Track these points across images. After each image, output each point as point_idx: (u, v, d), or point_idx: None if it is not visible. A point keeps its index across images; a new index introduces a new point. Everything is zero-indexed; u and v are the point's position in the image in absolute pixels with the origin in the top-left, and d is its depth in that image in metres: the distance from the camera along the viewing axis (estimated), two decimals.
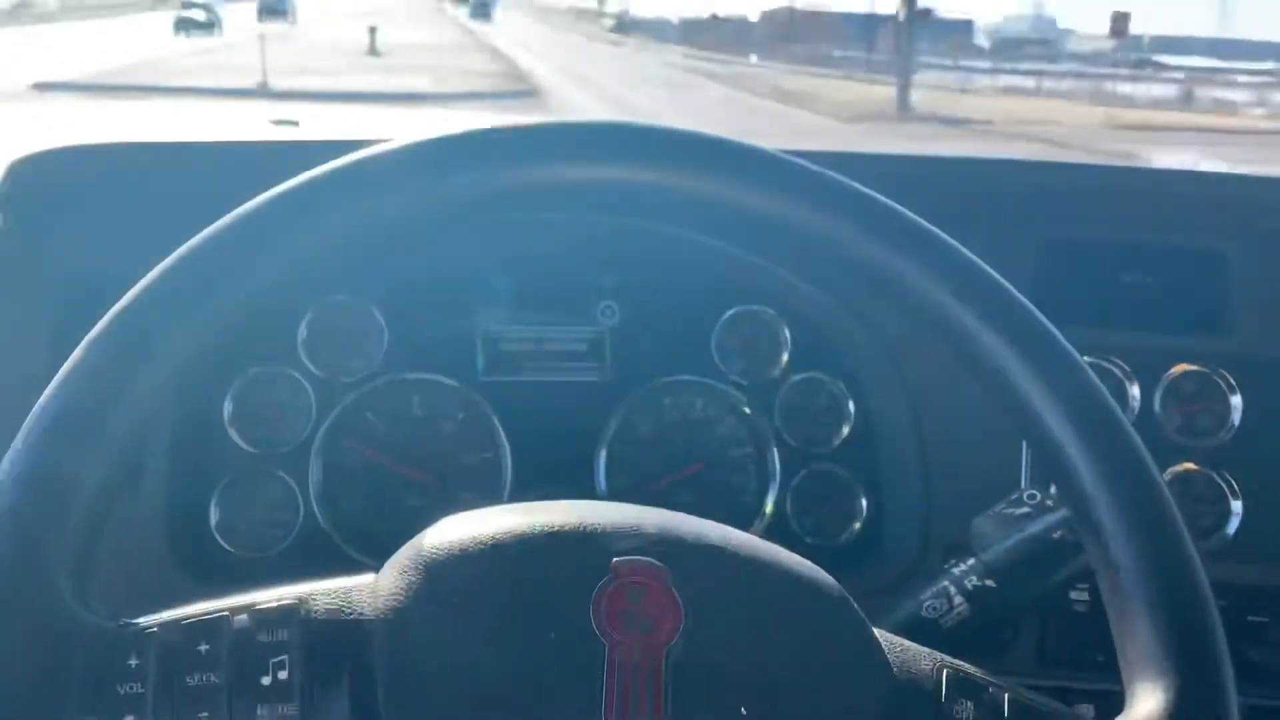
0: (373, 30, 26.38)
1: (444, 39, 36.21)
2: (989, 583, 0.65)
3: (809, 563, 0.48)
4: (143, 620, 0.43)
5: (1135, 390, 0.87)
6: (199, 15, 30.36)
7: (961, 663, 0.46)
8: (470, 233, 0.87)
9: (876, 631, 0.46)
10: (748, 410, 0.91)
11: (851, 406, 0.91)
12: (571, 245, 0.90)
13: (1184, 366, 0.88)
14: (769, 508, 0.90)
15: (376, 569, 0.46)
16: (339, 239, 0.46)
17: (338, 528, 0.85)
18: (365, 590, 0.45)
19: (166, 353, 0.44)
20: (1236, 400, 0.87)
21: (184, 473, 0.82)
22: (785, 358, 0.92)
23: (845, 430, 0.91)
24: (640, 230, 0.87)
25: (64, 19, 39.08)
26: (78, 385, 0.43)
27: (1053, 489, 0.69)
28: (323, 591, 0.45)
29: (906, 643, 0.46)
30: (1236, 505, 0.86)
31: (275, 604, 0.43)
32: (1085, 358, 0.86)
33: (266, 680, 0.41)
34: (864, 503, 0.91)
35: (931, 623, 0.63)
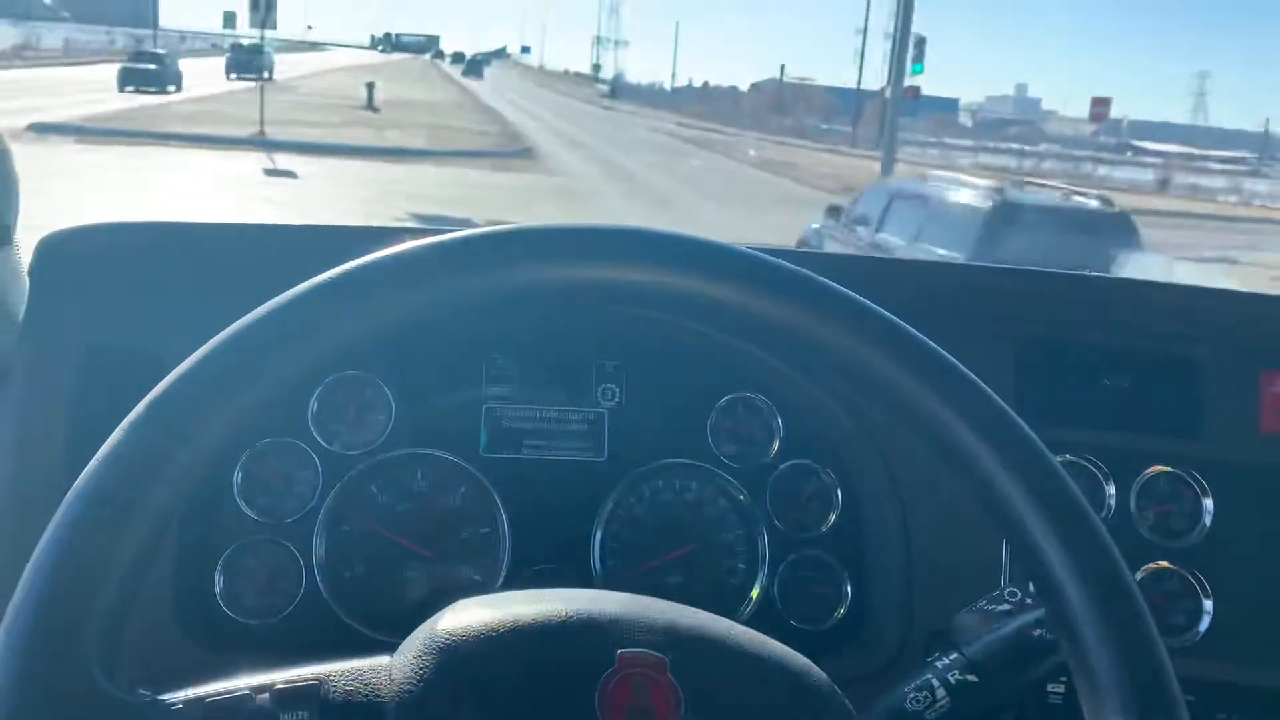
0: (370, 86, 26.79)
1: (440, 97, 36.78)
2: (971, 677, 0.67)
3: (804, 658, 0.51)
4: (167, 697, 0.45)
5: (1111, 489, 0.91)
6: (149, 66, 25.63)
7: None
8: (478, 313, 0.90)
9: None
10: (740, 495, 0.94)
11: (840, 495, 0.94)
12: (575, 328, 0.94)
13: (1158, 468, 0.92)
14: (757, 591, 0.92)
15: (376, 639, 0.48)
16: (373, 330, 0.48)
17: (339, 598, 0.87)
18: (381, 673, 0.47)
19: (203, 437, 0.46)
20: (1208, 503, 0.90)
21: (192, 541, 0.84)
22: (777, 445, 0.95)
23: (833, 518, 0.94)
24: (642, 317, 0.90)
25: (66, 63, 39.38)
26: (115, 468, 0.45)
27: (1032, 586, 0.72)
28: (340, 673, 0.47)
29: None
30: (1208, 604, 0.89)
31: (295, 684, 0.46)
32: (1064, 456, 0.92)
33: None
34: (849, 590, 0.93)
35: (915, 715, 0.66)
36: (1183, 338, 0.95)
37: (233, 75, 32.20)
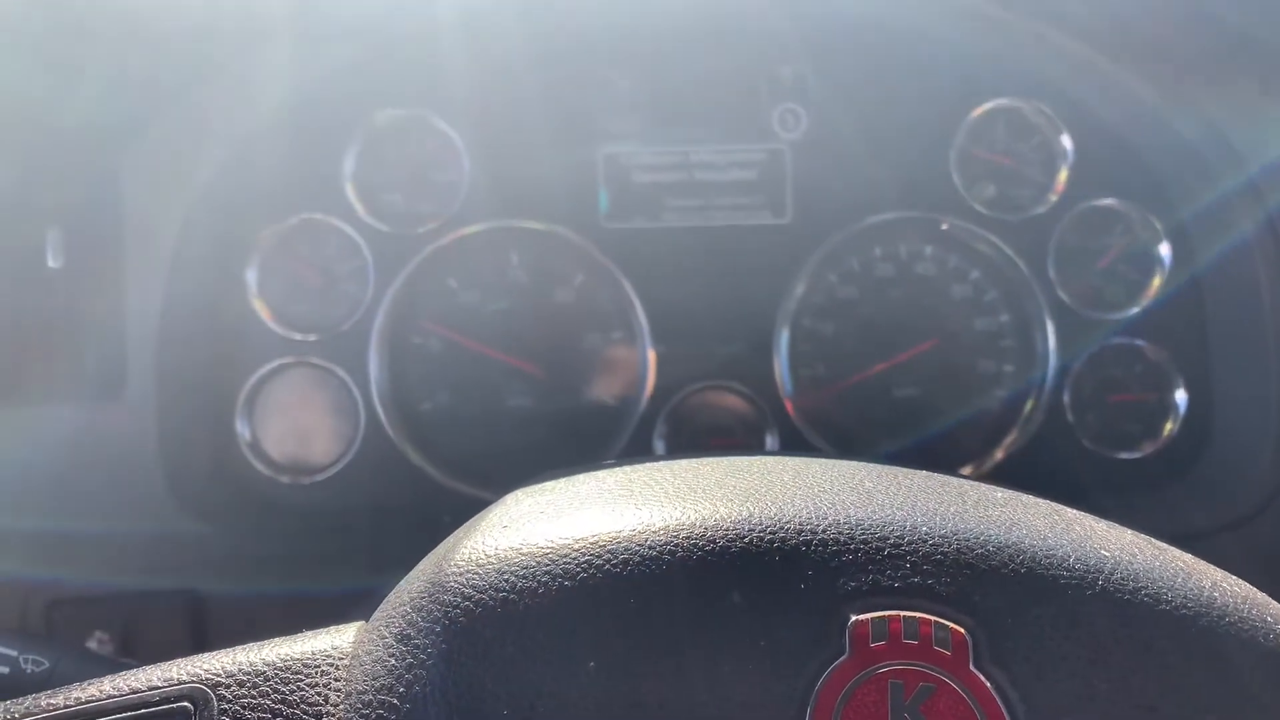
0: None
1: None
2: None
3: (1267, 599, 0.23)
4: None
5: None
6: None
7: None
8: (581, 11, 0.57)
9: None
10: (1006, 260, 0.61)
11: (1166, 251, 0.60)
12: (734, 22, 0.60)
13: None
14: (1033, 405, 0.61)
15: (469, 494, 0.30)
16: None
17: (412, 438, 0.60)
18: (336, 663, 0.23)
19: None
20: None
21: (189, 372, 0.57)
22: (1064, 177, 0.61)
23: (1155, 285, 0.61)
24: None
25: None
26: None
27: None
28: (261, 668, 0.23)
29: None
30: None
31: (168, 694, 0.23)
32: None
33: None
34: (1182, 396, 0.60)
35: None
36: None
37: None
